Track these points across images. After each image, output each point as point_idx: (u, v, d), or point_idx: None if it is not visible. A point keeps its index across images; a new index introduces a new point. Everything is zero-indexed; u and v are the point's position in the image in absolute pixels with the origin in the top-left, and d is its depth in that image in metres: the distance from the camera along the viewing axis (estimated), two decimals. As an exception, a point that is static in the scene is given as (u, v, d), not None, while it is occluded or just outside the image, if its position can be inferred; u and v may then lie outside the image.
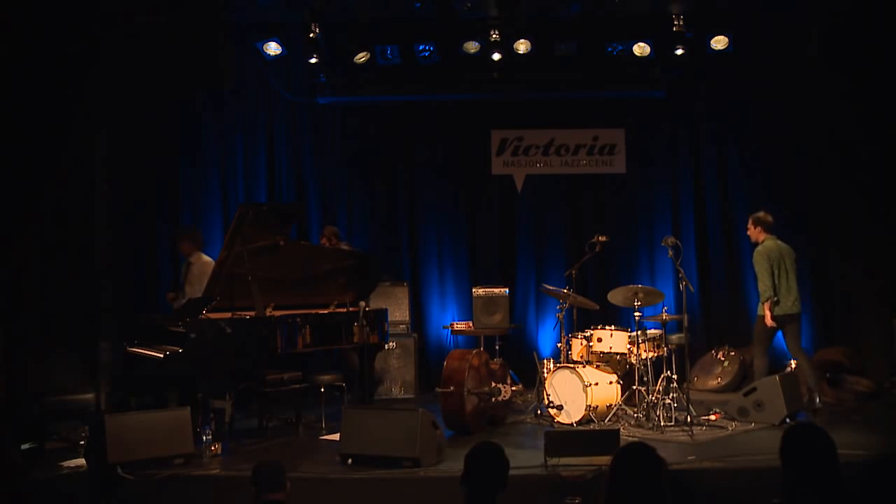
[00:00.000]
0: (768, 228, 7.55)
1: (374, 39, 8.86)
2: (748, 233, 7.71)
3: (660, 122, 9.62)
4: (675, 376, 6.90)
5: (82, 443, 6.11)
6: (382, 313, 7.48)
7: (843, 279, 9.02)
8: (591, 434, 6.15)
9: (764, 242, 7.50)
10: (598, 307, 7.74)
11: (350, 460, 5.66)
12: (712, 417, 6.88)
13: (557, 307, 7.45)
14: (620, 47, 8.86)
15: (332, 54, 8.95)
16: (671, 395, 6.81)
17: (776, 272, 7.35)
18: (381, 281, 8.24)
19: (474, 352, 6.90)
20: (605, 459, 3.17)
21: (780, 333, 9.20)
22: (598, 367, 7.17)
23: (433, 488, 5.28)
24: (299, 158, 9.59)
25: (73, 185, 7.87)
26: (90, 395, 6.66)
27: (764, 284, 7.32)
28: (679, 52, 8.68)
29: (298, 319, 6.71)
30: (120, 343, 6.85)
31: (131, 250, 8.77)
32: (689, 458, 5.65)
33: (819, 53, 8.74)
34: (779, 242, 7.49)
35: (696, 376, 8.71)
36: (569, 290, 7.45)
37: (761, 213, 7.65)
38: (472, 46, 8.78)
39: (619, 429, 6.09)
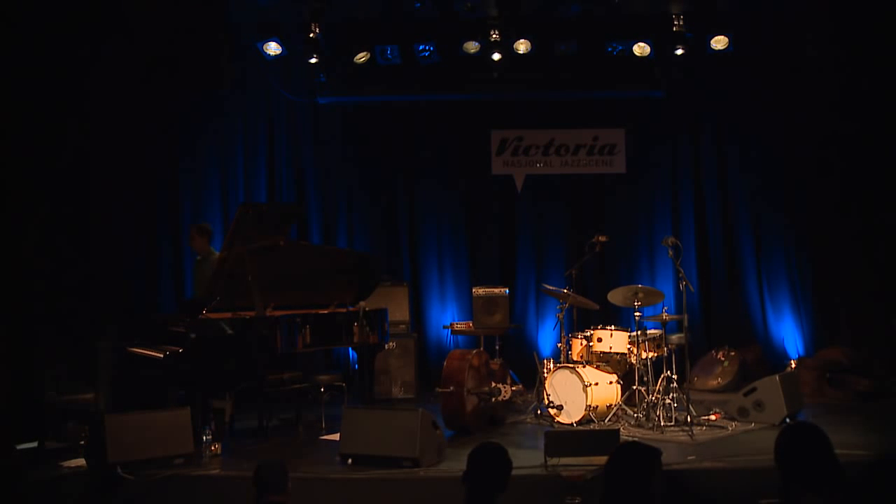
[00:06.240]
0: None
1: (374, 39, 8.87)
2: (193, 244, 7.49)
3: (660, 122, 9.62)
4: (675, 376, 6.89)
5: (82, 443, 6.11)
6: (382, 313, 7.47)
7: (843, 279, 9.01)
8: (591, 434, 6.15)
9: (213, 252, 7.36)
10: (598, 307, 7.73)
11: (350, 460, 5.66)
12: (712, 417, 6.87)
13: (557, 307, 7.44)
14: (620, 47, 8.87)
15: (332, 54, 8.96)
16: (671, 395, 6.80)
17: None
18: (381, 281, 8.24)
19: (474, 352, 6.89)
20: (605, 459, 3.18)
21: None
22: (598, 367, 7.17)
23: (433, 488, 5.28)
24: (299, 158, 9.59)
25: (74, 186, 7.87)
26: (90, 395, 6.65)
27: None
28: (679, 52, 8.68)
29: (298, 319, 6.70)
30: (120, 343, 6.84)
31: (131, 250, 8.77)
32: (689, 458, 5.65)
33: (819, 53, 8.74)
34: None
35: (696, 376, 8.70)
36: (569, 290, 7.45)
37: (207, 224, 7.65)
38: (472, 46, 8.78)
39: (619, 429, 6.10)
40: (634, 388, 7.02)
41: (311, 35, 8.54)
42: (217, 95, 9.21)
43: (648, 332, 7.14)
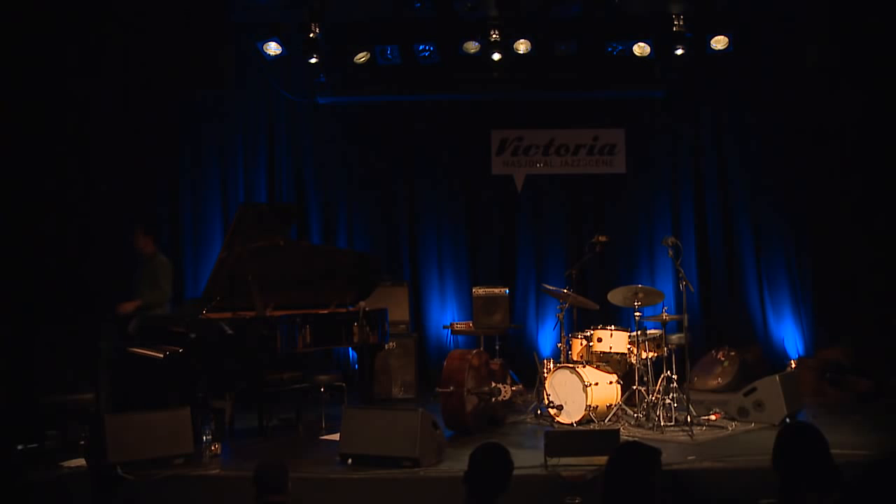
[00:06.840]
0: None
1: (374, 39, 8.87)
2: (137, 244, 7.32)
3: (660, 122, 9.62)
4: (675, 376, 6.89)
5: (82, 443, 6.11)
6: (382, 313, 7.47)
7: (843, 278, 9.01)
8: (591, 434, 6.15)
9: (158, 254, 7.36)
10: (597, 307, 7.72)
11: (350, 460, 5.66)
12: (712, 417, 6.88)
13: (557, 307, 7.44)
14: (620, 47, 8.88)
15: (332, 54, 8.96)
16: (671, 395, 6.80)
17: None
18: (381, 281, 8.23)
19: (474, 352, 6.89)
20: (605, 459, 3.19)
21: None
22: (598, 367, 7.17)
23: (433, 488, 5.28)
24: (299, 158, 9.59)
25: (74, 186, 7.87)
26: (90, 395, 6.65)
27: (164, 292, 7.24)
28: (679, 52, 8.69)
29: (298, 319, 6.71)
30: (120, 343, 6.85)
31: (132, 250, 8.75)
32: (689, 458, 5.65)
33: (819, 53, 8.74)
34: None
35: (696, 376, 8.70)
36: (569, 290, 7.45)
37: (153, 224, 7.58)
38: (472, 46, 8.79)
39: (619, 429, 6.10)
40: (634, 388, 7.02)
41: (311, 35, 8.54)
42: (217, 95, 9.21)
43: (648, 332, 7.14)
